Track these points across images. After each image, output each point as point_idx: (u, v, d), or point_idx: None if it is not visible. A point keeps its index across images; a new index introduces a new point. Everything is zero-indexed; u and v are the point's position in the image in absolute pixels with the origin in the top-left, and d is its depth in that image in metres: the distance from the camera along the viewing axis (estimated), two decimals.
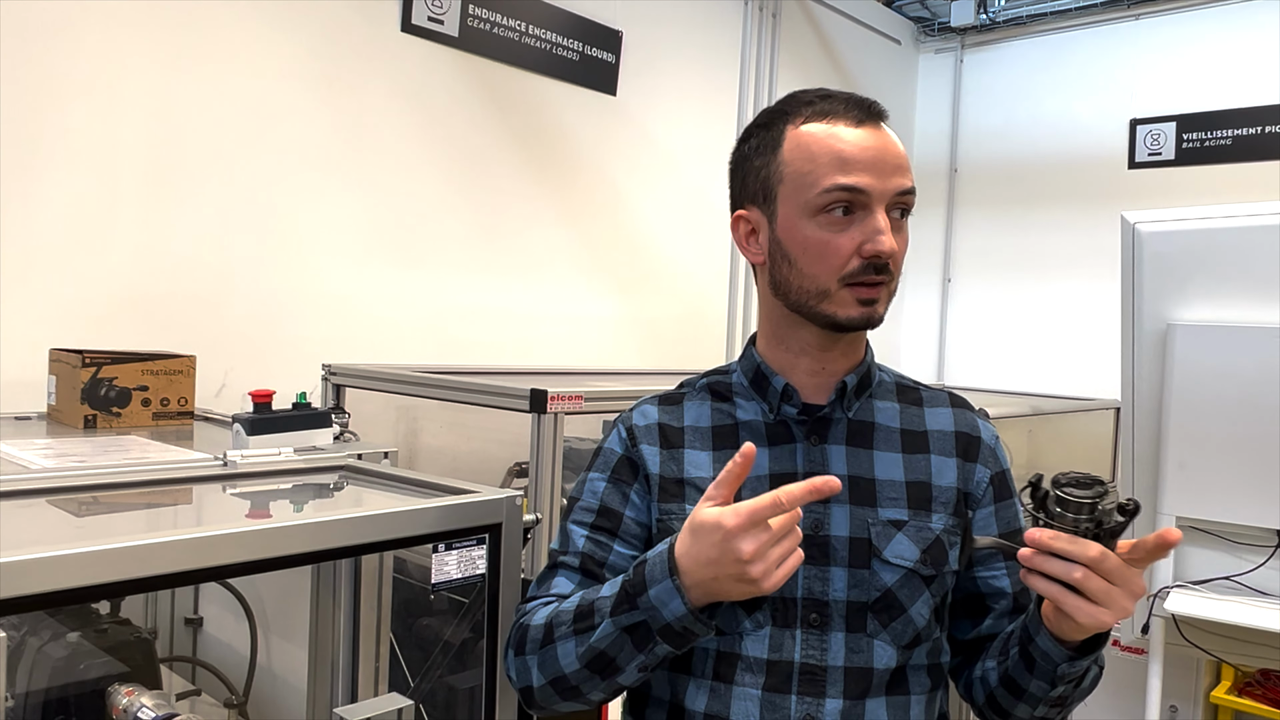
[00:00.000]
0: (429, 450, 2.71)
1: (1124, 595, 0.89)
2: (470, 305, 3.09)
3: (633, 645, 0.95)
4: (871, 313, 1.05)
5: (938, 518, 1.08)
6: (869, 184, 1.02)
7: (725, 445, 1.12)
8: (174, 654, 1.89)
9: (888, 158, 1.03)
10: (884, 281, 1.04)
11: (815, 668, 1.04)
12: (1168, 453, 2.22)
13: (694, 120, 3.87)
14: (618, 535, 1.12)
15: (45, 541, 0.91)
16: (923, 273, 5.16)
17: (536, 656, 1.03)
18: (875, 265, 1.03)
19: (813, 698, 1.03)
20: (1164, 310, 2.22)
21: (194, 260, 2.42)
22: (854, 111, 1.05)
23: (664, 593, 0.92)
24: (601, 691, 1.01)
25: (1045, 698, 1.01)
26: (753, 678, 1.05)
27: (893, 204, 1.04)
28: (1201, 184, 4.25)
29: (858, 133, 1.03)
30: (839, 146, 1.03)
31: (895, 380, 1.18)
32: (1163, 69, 4.42)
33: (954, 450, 1.11)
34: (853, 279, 1.03)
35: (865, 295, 1.04)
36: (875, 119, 1.06)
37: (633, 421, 1.15)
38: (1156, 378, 2.24)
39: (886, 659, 1.05)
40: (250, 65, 2.51)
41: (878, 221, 1.02)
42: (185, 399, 1.97)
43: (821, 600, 1.05)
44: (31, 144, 2.14)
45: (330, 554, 1.17)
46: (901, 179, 1.04)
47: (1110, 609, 0.89)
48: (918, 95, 5.26)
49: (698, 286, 3.92)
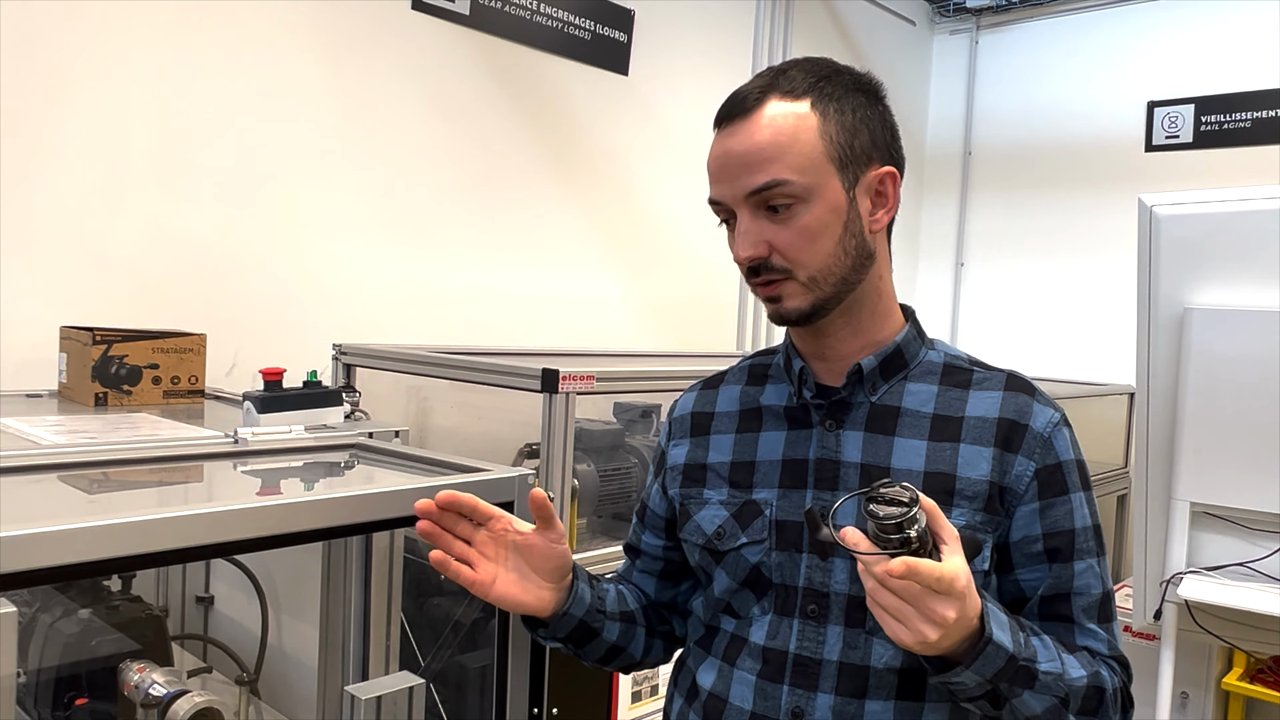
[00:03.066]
0: (439, 430, 2.70)
1: (918, 617, 0.84)
2: (480, 286, 3.08)
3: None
4: (778, 309, 1.04)
5: (958, 512, 1.01)
6: (721, 193, 1.03)
7: (748, 428, 1.13)
8: (185, 632, 1.89)
9: (732, 160, 1.01)
10: (774, 279, 1.02)
11: (809, 660, 1.02)
12: (1183, 438, 2.20)
13: (706, 100, 3.81)
14: (645, 524, 1.24)
15: (56, 516, 0.91)
16: (935, 256, 5.13)
17: None
18: (750, 268, 1.02)
19: (804, 690, 1.02)
20: (1181, 294, 2.20)
21: (204, 239, 2.41)
22: (724, 112, 1.04)
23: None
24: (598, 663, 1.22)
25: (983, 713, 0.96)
26: (751, 663, 1.06)
27: (755, 202, 1.00)
28: (1220, 167, 4.20)
29: (717, 140, 1.04)
30: (708, 162, 1.05)
31: (946, 360, 1.10)
32: (1181, 51, 4.36)
33: (993, 439, 1.03)
34: (749, 281, 1.05)
35: (762, 294, 1.04)
36: (734, 117, 1.02)
37: (673, 415, 1.23)
38: (1172, 362, 2.22)
39: (888, 658, 1.01)
40: (260, 44, 2.50)
41: (737, 228, 1.02)
42: (196, 377, 1.96)
43: (821, 592, 1.03)
44: (41, 122, 2.14)
45: (342, 531, 1.16)
46: (749, 177, 0.99)
47: (906, 628, 0.85)
48: (932, 77, 5.21)
49: (709, 268, 3.90)
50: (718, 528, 1.09)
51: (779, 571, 1.05)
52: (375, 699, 1.13)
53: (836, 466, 1.05)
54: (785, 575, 1.05)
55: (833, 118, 1.01)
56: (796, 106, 1.00)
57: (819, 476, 1.06)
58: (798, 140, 0.99)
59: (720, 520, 1.10)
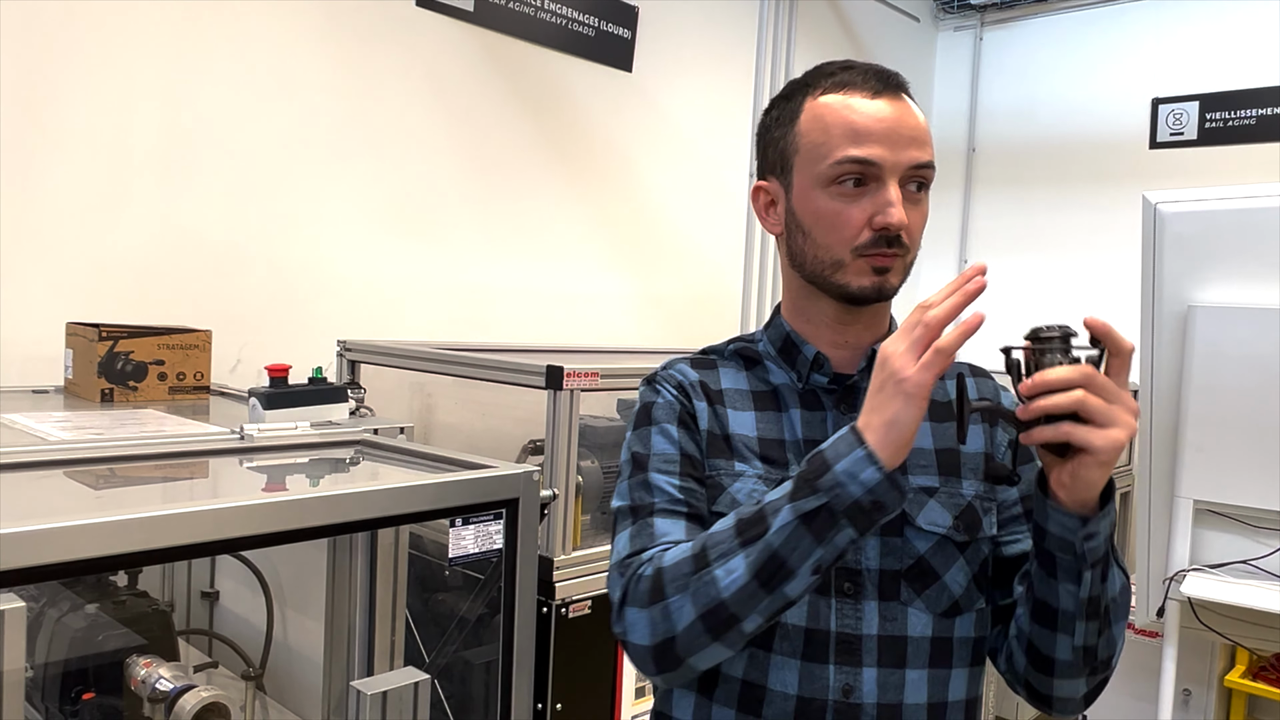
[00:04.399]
0: (443, 427, 2.71)
1: (1124, 410, 0.88)
2: (483, 282, 3.09)
3: (811, 537, 0.89)
4: (884, 282, 1.05)
5: (968, 484, 1.09)
6: (880, 156, 1.02)
7: (766, 408, 1.12)
8: (191, 627, 1.90)
9: (902, 130, 1.03)
10: (897, 254, 1.05)
11: (851, 637, 1.04)
12: (1186, 435, 2.20)
13: (710, 97, 3.84)
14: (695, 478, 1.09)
15: (64, 512, 0.91)
16: (939, 254, 5.12)
17: (685, 592, 0.94)
18: (886, 238, 1.03)
19: (850, 667, 1.03)
20: (1184, 292, 2.20)
21: (209, 236, 2.42)
22: (871, 82, 1.05)
23: (852, 464, 0.88)
24: (760, 615, 0.93)
25: (1079, 608, 0.96)
26: (790, 645, 1.05)
27: (907, 177, 1.04)
28: (1224, 164, 4.19)
29: (873, 104, 1.04)
30: (852, 118, 1.03)
31: None
32: (1186, 47, 4.35)
33: (980, 417, 1.13)
34: (865, 250, 1.04)
35: (878, 264, 1.04)
36: (894, 90, 1.06)
37: (678, 379, 1.14)
38: (1176, 360, 2.22)
39: (921, 627, 1.05)
40: (265, 40, 2.50)
41: (889, 194, 1.02)
42: (201, 374, 1.97)
43: (854, 569, 1.05)
44: (46, 119, 2.14)
45: (347, 527, 1.17)
46: (917, 152, 1.04)
47: (1119, 425, 0.87)
48: (936, 73, 5.20)
49: (713, 265, 3.90)
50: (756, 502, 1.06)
51: None
52: (381, 694, 1.13)
53: None
54: None
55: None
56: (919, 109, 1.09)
57: None
58: (930, 136, 1.08)
59: (760, 494, 1.05)
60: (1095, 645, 1.00)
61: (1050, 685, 1.04)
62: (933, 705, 1.05)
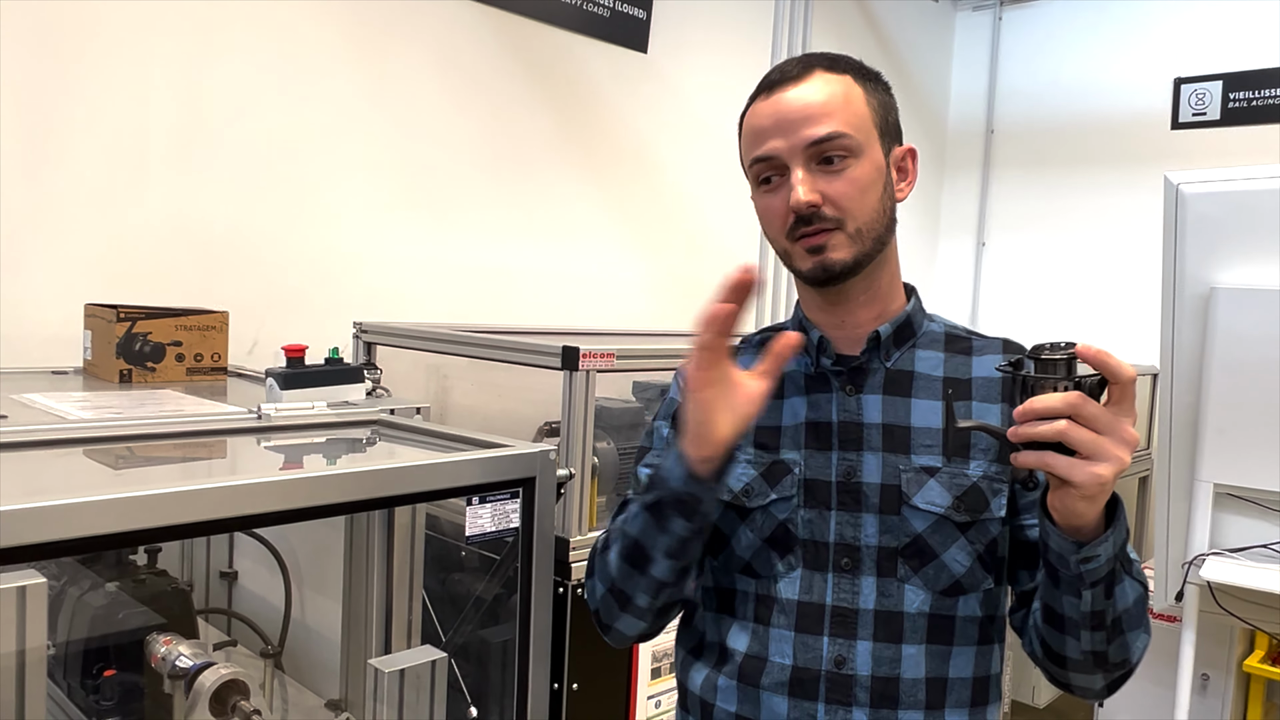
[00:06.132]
0: (458, 409, 2.72)
1: (1113, 443, 0.87)
2: (497, 264, 3.08)
3: (655, 527, 1.01)
4: (824, 260, 1.07)
5: (976, 464, 1.08)
6: (775, 148, 1.07)
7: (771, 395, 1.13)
8: (209, 607, 1.91)
9: (792, 114, 1.06)
10: (824, 228, 1.06)
11: (846, 610, 1.08)
12: (1207, 419, 2.19)
13: (726, 78, 3.81)
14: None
15: (83, 489, 0.92)
16: (956, 235, 5.09)
17: (595, 574, 1.13)
18: (800, 217, 1.05)
19: (844, 639, 1.07)
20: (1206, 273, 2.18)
21: (225, 218, 2.42)
22: (771, 78, 1.10)
23: (671, 463, 0.99)
24: (644, 591, 1.05)
25: (1082, 619, 0.97)
26: (786, 619, 1.10)
27: (812, 155, 1.06)
28: (1247, 145, 4.14)
29: (768, 101, 1.09)
30: (753, 123, 1.11)
31: (946, 330, 1.18)
32: (1208, 26, 4.29)
33: (998, 396, 1.11)
34: (793, 235, 1.07)
35: (809, 244, 1.07)
36: (785, 82, 1.09)
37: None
38: (1197, 342, 2.20)
39: (918, 604, 1.07)
40: (281, 23, 2.50)
41: (793, 177, 1.06)
42: (218, 355, 1.98)
43: (853, 545, 1.08)
44: (64, 103, 2.14)
45: (365, 505, 1.17)
46: (809, 129, 1.05)
47: (1104, 460, 0.86)
48: (954, 54, 5.15)
49: (727, 248, 3.88)
50: (745, 485, 1.13)
51: (807, 528, 1.10)
52: (399, 672, 1.14)
53: (859, 428, 1.11)
54: (814, 531, 1.10)
55: (872, 92, 1.11)
56: (842, 78, 1.09)
57: (843, 438, 1.11)
58: (851, 101, 1.08)
59: (748, 479, 1.13)
60: (1105, 651, 1.00)
61: (1067, 676, 1.06)
62: (931, 680, 1.07)
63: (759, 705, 1.09)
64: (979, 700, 1.10)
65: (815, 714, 1.06)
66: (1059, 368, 0.88)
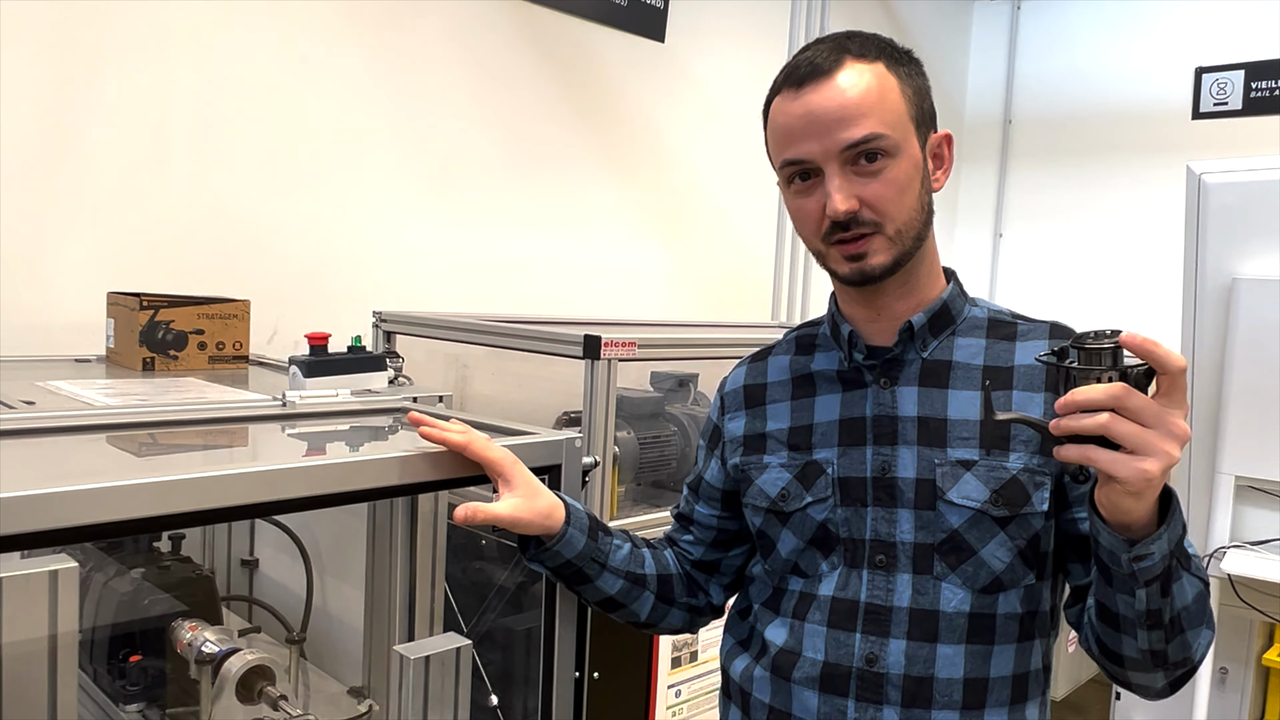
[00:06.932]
0: (478, 398, 2.72)
1: (1160, 436, 0.82)
2: (515, 254, 3.08)
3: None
4: (862, 266, 1.04)
5: (1016, 457, 1.04)
6: (808, 151, 1.03)
7: (803, 394, 1.16)
8: (231, 594, 1.92)
9: (825, 115, 1.02)
10: (863, 233, 1.03)
11: (880, 608, 1.06)
12: (1228, 410, 2.17)
13: (743, 68, 3.79)
14: (699, 494, 1.29)
15: (108, 474, 0.92)
16: (973, 226, 5.07)
17: None
18: (838, 223, 1.03)
19: (877, 637, 1.05)
20: (1228, 264, 2.17)
21: (246, 207, 2.43)
22: (794, 78, 1.05)
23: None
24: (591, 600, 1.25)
25: (1138, 618, 0.93)
26: (820, 614, 1.09)
27: (848, 156, 1.02)
28: (1270, 135, 4.10)
29: (796, 99, 1.04)
30: (782, 121, 1.06)
31: (990, 315, 1.14)
32: (1230, 14, 4.25)
33: (1042, 385, 1.06)
34: (829, 240, 1.05)
35: (848, 251, 1.04)
36: (815, 77, 1.03)
37: (726, 389, 1.27)
38: (1219, 333, 2.19)
39: (956, 602, 1.04)
40: (300, 14, 2.50)
41: (829, 183, 1.02)
42: (240, 343, 1.98)
43: (888, 542, 1.06)
44: (86, 93, 2.15)
45: (389, 491, 1.17)
46: (845, 132, 1.01)
47: (1151, 455, 0.82)
48: (972, 44, 5.12)
49: (746, 239, 3.87)
50: (781, 489, 1.13)
51: (845, 526, 1.09)
52: (424, 659, 1.14)
53: (894, 422, 1.09)
54: (852, 529, 1.08)
55: (905, 79, 1.06)
56: (874, 67, 1.04)
57: (877, 433, 1.09)
58: (886, 97, 1.03)
59: (784, 483, 1.13)
60: (1164, 650, 0.96)
61: (1125, 675, 1.02)
62: (971, 681, 1.04)
63: (790, 698, 1.09)
64: (1019, 698, 1.07)
65: (845, 710, 1.05)
66: (1103, 358, 0.84)
